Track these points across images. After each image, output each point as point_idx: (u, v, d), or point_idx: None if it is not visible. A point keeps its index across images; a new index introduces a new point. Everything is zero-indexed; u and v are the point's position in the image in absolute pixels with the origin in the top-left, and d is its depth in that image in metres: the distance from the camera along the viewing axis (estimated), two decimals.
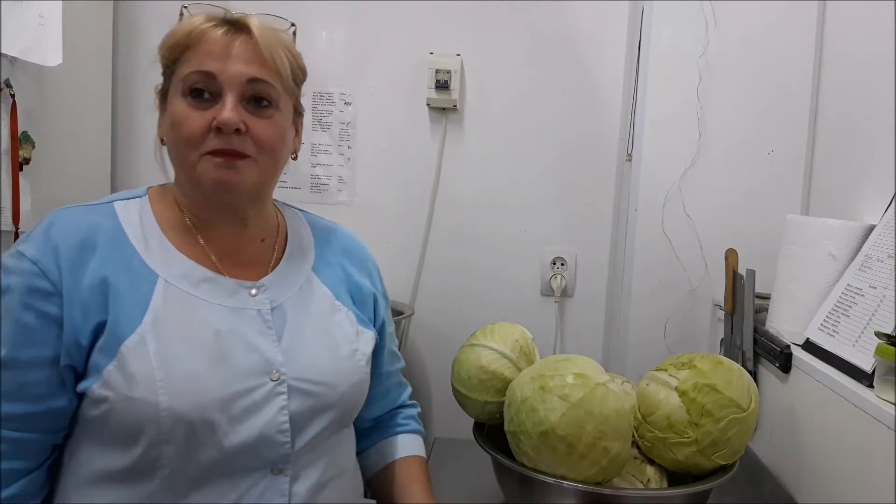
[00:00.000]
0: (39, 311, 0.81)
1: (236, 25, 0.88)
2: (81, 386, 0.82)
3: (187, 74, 0.87)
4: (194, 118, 0.86)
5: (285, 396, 0.88)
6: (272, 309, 0.92)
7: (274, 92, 0.90)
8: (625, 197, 1.88)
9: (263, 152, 0.89)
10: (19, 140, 1.42)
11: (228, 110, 0.85)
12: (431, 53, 1.87)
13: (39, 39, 1.43)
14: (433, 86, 1.85)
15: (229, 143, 0.86)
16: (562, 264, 1.91)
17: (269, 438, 0.86)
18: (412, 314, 1.87)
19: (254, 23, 0.89)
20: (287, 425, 0.87)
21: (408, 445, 1.13)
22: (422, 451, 1.14)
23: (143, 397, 0.80)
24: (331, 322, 0.97)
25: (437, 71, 1.85)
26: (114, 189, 1.88)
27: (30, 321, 0.81)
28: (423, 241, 1.93)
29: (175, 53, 0.89)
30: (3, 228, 1.41)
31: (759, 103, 1.76)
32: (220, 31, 0.87)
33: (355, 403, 0.99)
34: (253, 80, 0.87)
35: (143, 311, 0.83)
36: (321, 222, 1.10)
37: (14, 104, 1.40)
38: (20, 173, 1.43)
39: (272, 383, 0.87)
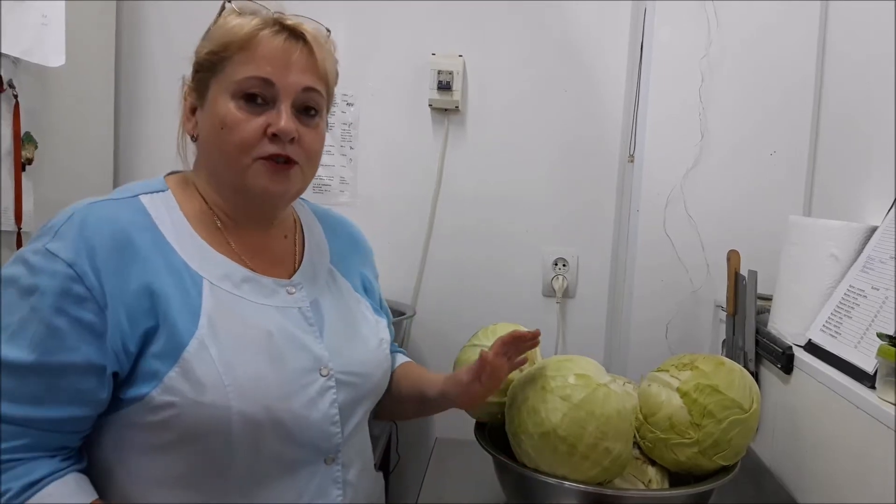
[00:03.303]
0: (72, 316, 0.78)
1: (293, 32, 0.89)
2: (133, 392, 0.81)
3: (244, 78, 0.87)
4: (247, 123, 0.87)
5: (335, 390, 0.91)
6: (309, 305, 0.95)
7: (322, 100, 0.93)
8: (626, 198, 1.88)
9: (310, 160, 0.92)
10: (22, 140, 1.43)
11: (286, 119, 0.87)
12: (433, 54, 1.87)
13: (42, 40, 1.43)
14: (435, 87, 1.85)
15: (284, 150, 0.88)
16: (563, 265, 1.91)
17: (325, 431, 0.90)
18: (413, 315, 1.88)
19: (308, 31, 0.90)
20: (337, 417, 0.92)
21: (401, 359, 1.18)
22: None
23: (213, 402, 0.81)
24: (357, 313, 1.02)
25: (440, 72, 1.85)
26: None
27: (61, 326, 0.78)
28: (424, 241, 1.93)
29: (228, 52, 0.87)
30: (4, 229, 1.41)
31: (762, 104, 1.75)
32: (280, 38, 0.87)
33: (384, 388, 1.04)
34: (306, 90, 0.89)
35: (196, 316, 0.83)
36: (322, 210, 1.12)
37: (17, 104, 1.40)
38: (23, 173, 1.43)
39: (323, 379, 0.91)
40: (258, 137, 0.87)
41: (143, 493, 0.85)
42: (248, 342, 0.86)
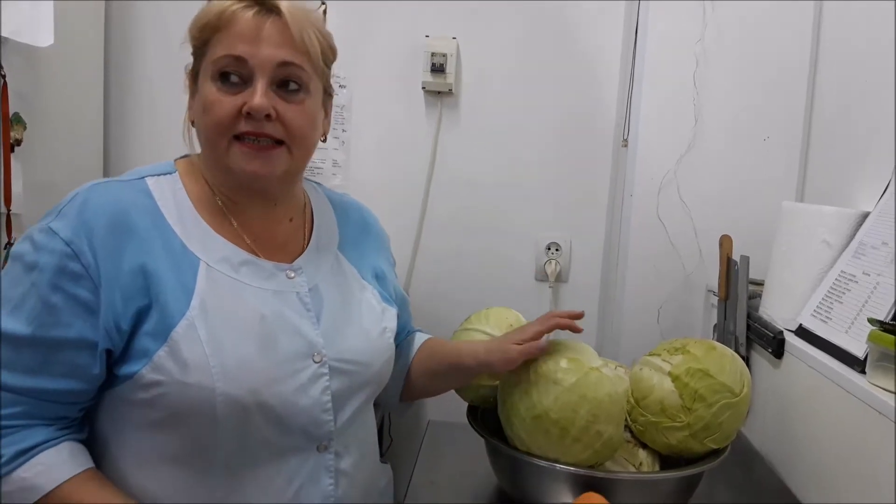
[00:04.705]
0: (68, 293, 0.81)
1: (266, 6, 0.87)
2: (126, 369, 0.83)
3: (217, 58, 0.86)
4: (224, 102, 0.86)
5: (328, 377, 0.91)
6: (308, 290, 0.94)
7: (304, 75, 0.89)
8: (620, 182, 1.87)
9: (294, 138, 0.90)
10: (10, 121, 1.41)
11: (259, 96, 0.85)
12: (427, 36, 1.85)
13: (31, 20, 1.41)
14: (429, 69, 1.84)
15: (260, 128, 0.86)
16: (556, 249, 1.91)
17: (315, 418, 0.90)
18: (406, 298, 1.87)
19: (283, 3, 0.88)
20: (330, 404, 0.91)
21: (422, 337, 1.19)
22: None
23: (198, 382, 0.82)
24: (361, 301, 1.01)
25: (433, 54, 1.83)
26: (106, 171, 1.87)
27: (57, 302, 0.81)
28: (418, 225, 1.93)
29: (205, 35, 0.88)
30: None
31: (756, 89, 1.75)
32: (250, 13, 0.86)
33: (386, 378, 1.04)
34: (283, 64, 0.87)
35: (189, 297, 0.84)
36: (336, 196, 1.12)
37: (5, 85, 1.39)
38: (11, 155, 1.42)
39: (315, 365, 0.90)
40: (234, 117, 0.86)
41: (136, 468, 0.86)
42: (239, 325, 0.86)
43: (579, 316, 1.03)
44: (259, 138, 0.87)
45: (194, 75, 0.91)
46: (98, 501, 0.82)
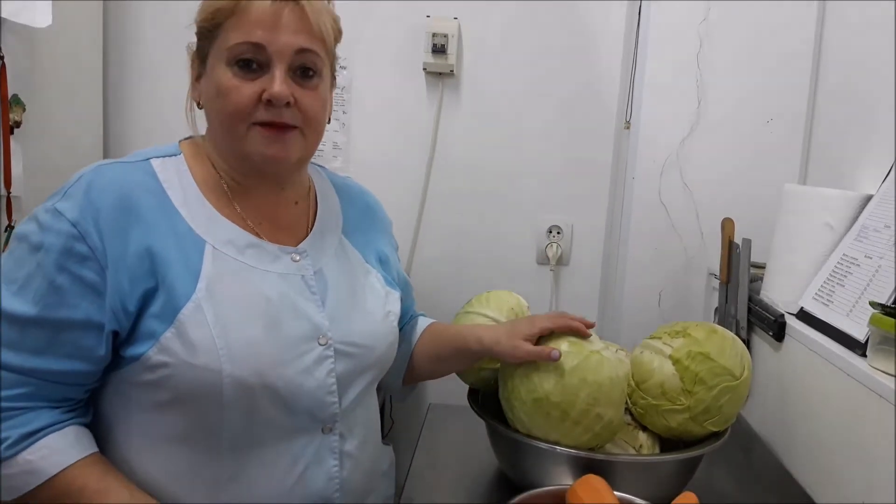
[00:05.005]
0: (74, 274, 0.81)
1: None
2: (132, 351, 0.83)
3: (235, 44, 0.86)
4: (242, 89, 0.86)
5: (332, 360, 0.91)
6: (313, 273, 0.94)
7: (319, 61, 0.90)
8: (622, 165, 1.87)
9: (309, 124, 0.90)
10: (9, 103, 1.40)
11: (279, 84, 0.85)
12: (428, 17, 1.83)
13: (29, 0, 1.40)
14: (430, 50, 1.82)
15: (279, 116, 0.87)
16: (558, 232, 1.91)
17: (320, 400, 0.90)
18: None
19: None
20: (335, 387, 0.91)
21: (425, 321, 1.20)
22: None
23: (205, 364, 0.82)
24: (365, 285, 1.01)
25: (434, 35, 1.82)
26: (106, 153, 1.86)
27: (63, 283, 0.81)
28: (419, 208, 1.92)
29: (218, 18, 0.87)
30: None
31: (759, 71, 1.74)
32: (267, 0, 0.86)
33: (389, 361, 1.04)
34: (301, 51, 0.87)
35: (195, 279, 0.84)
36: (340, 180, 1.12)
37: (3, 66, 1.38)
38: (11, 137, 1.41)
39: (320, 347, 0.91)
40: (253, 104, 0.86)
41: (141, 449, 0.87)
42: (245, 307, 0.86)
43: (591, 325, 1.06)
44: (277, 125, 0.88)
45: (202, 57, 0.90)
46: (101, 486, 0.82)
